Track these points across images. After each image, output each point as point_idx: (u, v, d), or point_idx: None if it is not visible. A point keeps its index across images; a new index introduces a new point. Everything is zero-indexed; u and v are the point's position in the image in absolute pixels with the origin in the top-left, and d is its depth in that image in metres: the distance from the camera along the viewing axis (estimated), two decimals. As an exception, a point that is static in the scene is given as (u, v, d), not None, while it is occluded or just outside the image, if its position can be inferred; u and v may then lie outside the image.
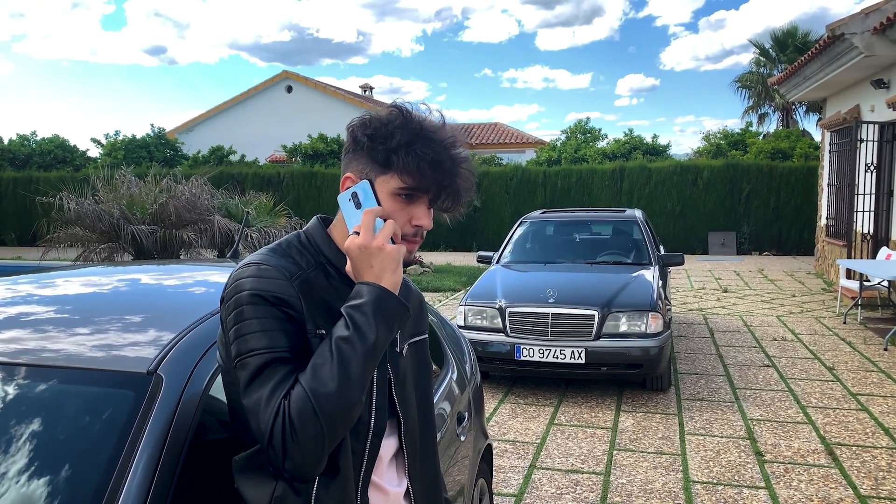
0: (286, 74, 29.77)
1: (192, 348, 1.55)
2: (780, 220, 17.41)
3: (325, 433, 1.18)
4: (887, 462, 4.46)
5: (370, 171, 1.34)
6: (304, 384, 1.18)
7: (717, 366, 6.79)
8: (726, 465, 4.46)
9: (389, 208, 1.33)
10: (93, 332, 1.66)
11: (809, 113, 28.03)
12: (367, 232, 1.27)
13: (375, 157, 1.33)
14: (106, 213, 7.80)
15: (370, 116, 1.36)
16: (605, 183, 18.45)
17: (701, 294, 11.30)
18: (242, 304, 1.25)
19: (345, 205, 1.34)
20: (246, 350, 1.23)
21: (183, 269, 2.44)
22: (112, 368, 1.48)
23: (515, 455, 4.68)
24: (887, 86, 9.93)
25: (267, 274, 1.28)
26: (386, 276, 1.27)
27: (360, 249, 1.27)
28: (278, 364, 1.22)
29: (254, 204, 9.27)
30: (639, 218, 7.73)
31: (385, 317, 1.25)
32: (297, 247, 1.39)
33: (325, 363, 1.20)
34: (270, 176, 20.33)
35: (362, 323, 1.23)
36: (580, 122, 23.34)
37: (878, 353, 7.21)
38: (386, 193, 1.33)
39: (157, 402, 1.40)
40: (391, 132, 1.32)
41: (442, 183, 1.33)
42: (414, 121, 1.33)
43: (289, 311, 1.27)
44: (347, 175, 1.37)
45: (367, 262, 1.27)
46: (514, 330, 5.84)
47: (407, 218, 1.35)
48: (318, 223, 1.44)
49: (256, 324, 1.24)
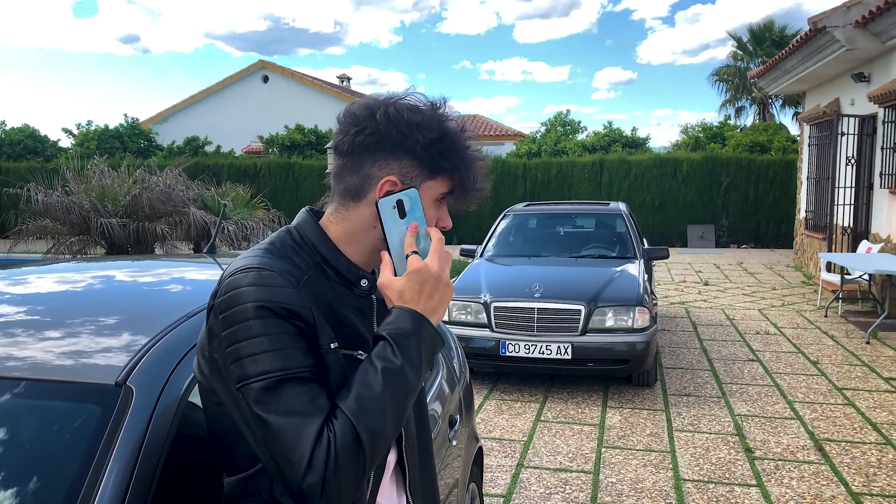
0: (262, 64, 29.35)
1: (167, 355, 1.39)
2: (758, 214, 17.48)
3: (365, 470, 1.06)
4: (877, 458, 4.41)
5: (416, 175, 1.21)
6: (351, 415, 1.05)
7: (701, 360, 6.74)
8: (716, 462, 4.39)
9: (431, 215, 1.23)
10: (56, 338, 1.50)
11: (786, 106, 28.25)
12: (440, 261, 1.17)
13: (428, 161, 1.20)
14: (76, 204, 7.53)
15: (417, 110, 1.21)
16: (586, 175, 18.40)
17: (682, 287, 11.28)
18: (248, 318, 1.08)
19: (387, 213, 1.18)
20: (257, 373, 1.06)
21: (157, 265, 2.28)
22: (75, 380, 1.33)
23: (502, 453, 4.57)
24: (868, 79, 9.93)
25: (271, 281, 1.10)
26: (440, 311, 1.17)
27: (431, 277, 1.15)
28: (299, 384, 1.06)
29: (230, 196, 9.04)
30: (623, 211, 7.65)
31: (431, 352, 1.14)
32: (291, 245, 1.21)
33: (371, 393, 1.06)
34: (247, 167, 20.03)
35: (412, 354, 1.10)
36: (560, 115, 23.24)
37: (861, 346, 7.21)
38: (429, 200, 1.23)
39: (127, 418, 1.24)
40: (453, 142, 1.21)
41: (473, 188, 1.25)
42: (454, 119, 1.24)
43: (300, 324, 1.10)
44: (389, 178, 1.19)
45: (430, 291, 1.15)
46: (499, 325, 5.73)
47: (436, 220, 1.26)
48: (308, 217, 1.27)
49: (267, 342, 1.07)
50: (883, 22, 8.45)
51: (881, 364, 6.54)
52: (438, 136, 1.20)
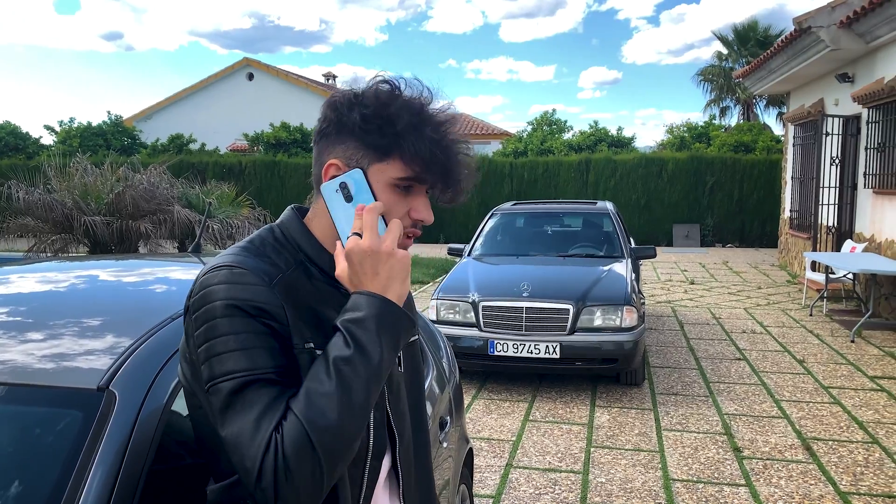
0: (247, 62, 29.16)
1: (151, 358, 1.35)
2: (742, 213, 17.58)
3: (324, 471, 0.98)
4: (864, 457, 4.42)
5: (362, 157, 1.12)
6: (300, 414, 0.98)
7: (689, 359, 6.75)
8: (705, 461, 4.38)
9: (387, 201, 1.12)
10: (37, 340, 1.45)
11: (770, 107, 28.42)
12: (373, 233, 1.07)
13: (370, 141, 1.12)
14: (58, 202, 7.42)
15: (357, 92, 1.14)
16: (572, 175, 18.43)
17: (668, 286, 11.31)
18: (215, 316, 1.04)
19: (331, 197, 1.12)
20: (222, 373, 1.02)
21: (141, 264, 2.23)
22: (57, 384, 1.28)
23: (491, 454, 4.54)
24: (852, 80, 10.00)
25: (242, 279, 1.06)
26: (394, 286, 1.08)
27: (365, 254, 1.06)
28: (263, 386, 1.02)
29: (215, 194, 8.94)
30: (610, 210, 7.64)
31: (391, 334, 1.06)
32: (272, 244, 1.17)
33: (322, 389, 1.00)
34: (232, 165, 19.90)
35: (365, 341, 1.03)
36: (546, 114, 23.26)
37: (846, 345, 7.25)
38: (382, 184, 1.12)
39: (110, 423, 1.20)
40: (393, 113, 1.11)
41: (449, 171, 1.13)
42: (415, 99, 1.13)
43: (271, 323, 1.06)
44: (332, 161, 1.14)
45: (372, 268, 1.07)
46: (487, 324, 5.70)
47: (405, 210, 1.15)
48: (293, 215, 1.22)
49: (234, 341, 1.03)
50: (867, 22, 8.50)
51: (866, 363, 6.57)
52: (374, 109, 1.11)
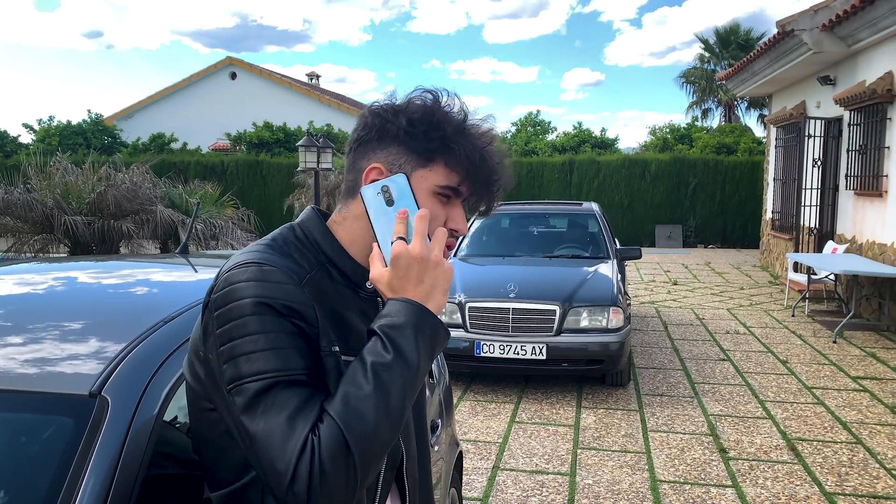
0: (230, 61, 28.93)
1: (144, 363, 1.32)
2: (724, 214, 17.73)
3: (357, 478, 0.96)
4: (848, 457, 4.46)
5: (405, 162, 1.13)
6: (337, 417, 0.96)
7: (673, 360, 6.77)
8: (691, 463, 4.39)
9: (428, 209, 1.12)
10: (22, 345, 1.41)
11: (751, 109, 28.68)
12: (422, 240, 1.05)
13: (416, 145, 1.12)
14: (38, 202, 7.31)
15: (402, 99, 1.15)
16: (556, 175, 18.49)
17: (651, 287, 11.36)
18: (244, 314, 1.01)
19: (372, 200, 1.10)
20: (251, 372, 0.99)
21: (128, 266, 2.19)
22: (46, 390, 1.24)
23: (478, 456, 4.53)
24: (833, 82, 10.10)
25: (273, 277, 1.04)
26: (436, 296, 1.06)
27: (414, 260, 1.05)
28: (293, 387, 0.99)
29: (199, 193, 8.86)
30: (596, 211, 7.66)
31: (428, 343, 1.04)
32: (294, 243, 1.15)
33: (360, 392, 0.97)
34: (214, 164, 19.75)
35: (404, 346, 1.01)
36: (530, 115, 23.35)
37: (828, 345, 7.31)
38: (425, 191, 1.12)
39: (102, 430, 1.17)
40: (441, 118, 1.12)
41: (489, 179, 1.14)
42: (457, 109, 1.15)
43: (301, 323, 1.03)
44: (375, 165, 1.13)
45: (418, 276, 1.05)
46: (473, 325, 5.68)
47: (443, 220, 1.15)
48: (314, 215, 1.21)
49: (264, 340, 1.00)
50: (849, 26, 8.60)
51: (848, 363, 6.63)
52: (421, 115, 1.12)
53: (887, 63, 8.29)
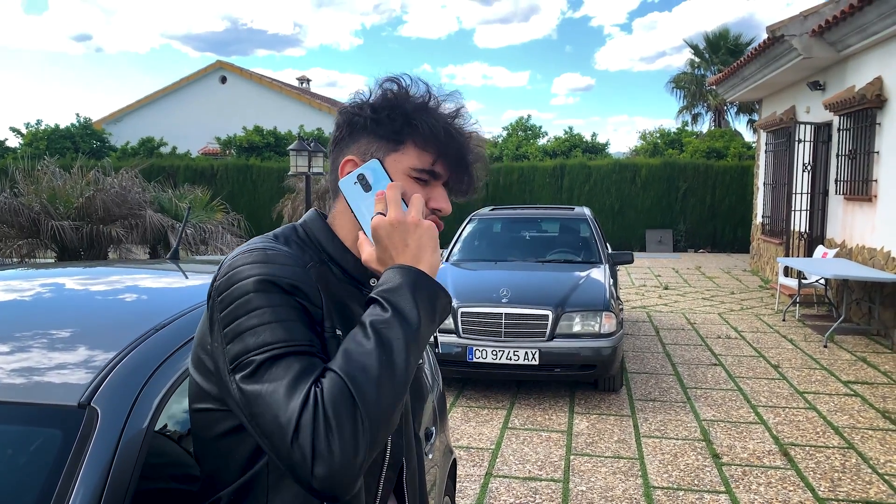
0: (220, 65, 28.83)
1: (134, 373, 1.29)
2: (715, 218, 17.78)
3: (366, 430, 0.92)
4: (841, 462, 4.46)
5: (376, 149, 1.13)
6: (339, 370, 0.94)
7: (665, 365, 6.77)
8: (684, 468, 4.38)
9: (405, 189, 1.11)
10: (11, 353, 1.37)
11: (741, 114, 28.83)
12: (397, 206, 1.06)
13: (382, 131, 1.12)
14: (25, 206, 7.23)
15: (366, 91, 1.16)
16: (546, 180, 18.51)
17: (643, 291, 11.37)
18: (248, 291, 1.00)
19: (350, 190, 1.11)
20: (257, 345, 0.97)
21: (117, 272, 2.15)
22: (34, 401, 1.21)
23: (471, 462, 4.50)
24: (823, 88, 10.15)
25: (277, 259, 1.04)
26: (425, 256, 1.05)
27: (392, 226, 1.04)
28: (300, 357, 0.97)
29: (189, 198, 8.80)
30: (588, 216, 7.66)
31: (428, 302, 1.02)
32: (296, 241, 1.15)
33: (361, 348, 0.96)
34: (203, 169, 19.66)
35: (402, 305, 1.00)
36: (521, 120, 23.30)
37: (819, 350, 7.33)
38: (400, 174, 1.12)
39: (92, 442, 1.13)
40: (401, 99, 1.12)
41: (461, 158, 1.14)
42: (421, 88, 1.15)
43: (305, 302, 1.02)
44: (348, 158, 1.15)
45: (401, 240, 1.05)
46: (466, 331, 5.66)
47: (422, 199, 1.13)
48: (315, 215, 1.21)
49: (270, 313, 0.98)
50: (839, 31, 8.64)
51: (839, 368, 6.65)
52: (382, 100, 1.13)
53: (876, 68, 8.34)
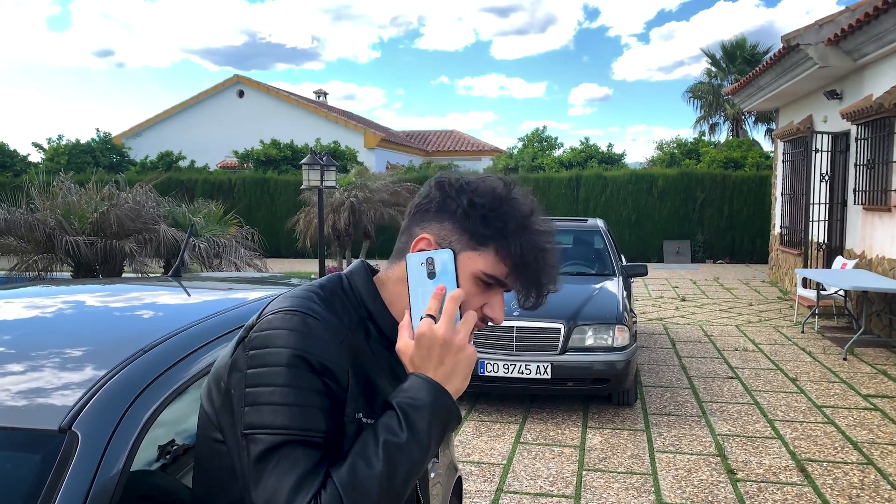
0: (238, 79, 29.11)
1: (119, 396, 1.27)
2: (733, 229, 17.61)
3: None
4: (859, 479, 4.36)
5: (456, 240, 1.12)
6: (340, 488, 0.96)
7: (681, 378, 6.68)
8: (699, 484, 4.30)
9: (468, 291, 1.11)
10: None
11: (759, 123, 28.58)
12: (450, 322, 1.04)
13: (470, 227, 1.12)
14: (40, 222, 7.31)
15: (471, 181, 1.16)
16: (562, 191, 18.44)
17: (659, 303, 11.26)
18: (280, 363, 1.01)
19: (415, 269, 1.10)
20: (273, 425, 0.99)
21: (113, 289, 2.14)
22: (12, 425, 1.20)
23: (481, 478, 4.45)
24: (840, 97, 10.04)
25: (315, 331, 1.04)
26: (456, 380, 1.05)
27: (438, 341, 1.03)
28: (307, 448, 0.99)
29: (202, 212, 8.84)
30: (601, 227, 7.60)
31: (442, 427, 1.03)
32: (340, 295, 1.15)
33: (368, 468, 0.97)
34: (221, 182, 19.80)
35: (419, 428, 1.00)
36: (537, 131, 23.28)
37: (838, 363, 7.20)
38: (468, 273, 1.12)
39: (70, 468, 1.12)
40: (506, 209, 1.12)
41: (537, 281, 1.13)
42: (523, 203, 1.14)
43: (332, 384, 1.03)
44: (424, 235, 1.14)
45: (439, 358, 1.04)
46: (477, 344, 5.60)
47: (480, 304, 1.14)
48: (362, 269, 1.21)
49: (293, 394, 1.00)
50: (854, 40, 8.55)
51: (859, 381, 6.53)
52: (485, 199, 1.12)
53: (893, 77, 8.23)
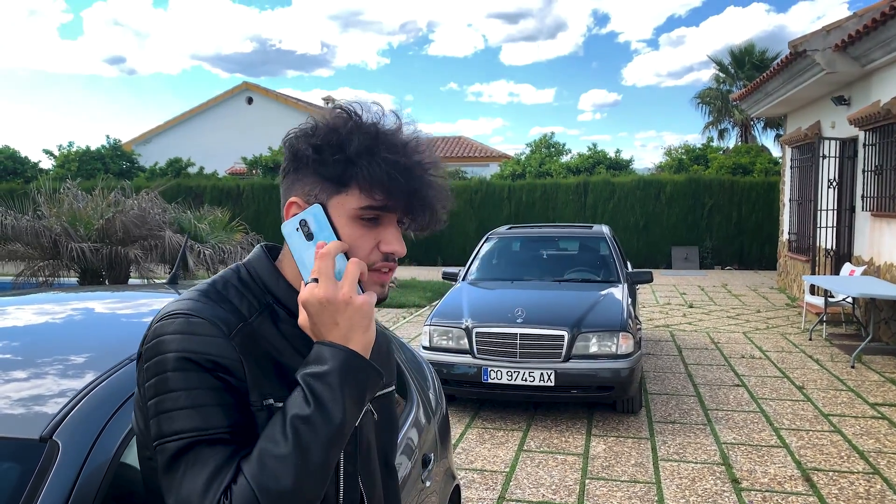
0: (246, 86, 29.31)
1: (101, 405, 1.27)
2: (741, 235, 17.52)
3: None
4: (865, 489, 4.31)
5: (320, 191, 1.05)
6: (251, 479, 0.91)
7: (686, 385, 6.64)
8: (702, 494, 4.27)
9: (350, 235, 1.04)
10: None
11: (767, 129, 28.49)
12: (328, 280, 0.97)
13: (326, 172, 1.04)
14: (46, 228, 7.35)
15: (312, 124, 1.08)
16: (570, 197, 18.40)
17: (667, 310, 11.21)
18: (167, 369, 0.97)
19: (292, 237, 1.04)
20: (171, 431, 0.95)
21: (105, 297, 2.14)
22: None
23: (483, 486, 4.43)
24: (848, 102, 9.98)
25: (198, 329, 0.99)
26: (356, 335, 0.98)
27: (321, 304, 0.97)
28: (214, 447, 0.94)
29: (208, 219, 8.86)
30: (606, 234, 7.57)
31: (355, 388, 0.97)
32: (235, 286, 1.08)
33: (276, 451, 0.92)
34: (230, 188, 19.89)
35: (327, 398, 0.94)
36: (545, 137, 23.31)
37: (846, 370, 7.14)
38: (345, 217, 1.04)
39: (49, 477, 1.11)
40: (344, 138, 1.03)
41: (414, 195, 1.04)
42: (368, 123, 1.05)
43: (227, 378, 0.98)
44: (292, 200, 1.07)
45: (330, 318, 0.98)
46: (481, 351, 5.60)
47: (373, 244, 1.06)
48: (262, 254, 1.14)
49: (185, 397, 0.95)
50: (862, 46, 8.50)
51: (866, 389, 6.46)
52: (324, 137, 1.04)
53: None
